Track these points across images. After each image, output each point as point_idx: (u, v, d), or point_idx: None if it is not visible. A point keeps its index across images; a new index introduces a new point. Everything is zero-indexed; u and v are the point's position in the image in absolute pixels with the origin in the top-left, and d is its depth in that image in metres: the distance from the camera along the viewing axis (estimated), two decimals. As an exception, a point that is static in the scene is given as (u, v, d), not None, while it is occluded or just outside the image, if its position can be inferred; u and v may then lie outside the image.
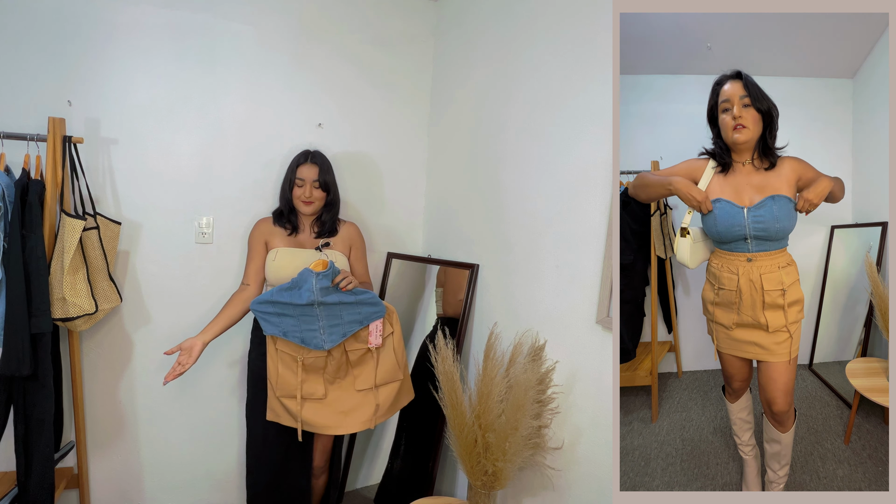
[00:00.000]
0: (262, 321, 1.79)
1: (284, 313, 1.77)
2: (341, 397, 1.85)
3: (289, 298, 1.75)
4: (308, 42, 2.27)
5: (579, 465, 1.55)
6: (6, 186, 1.68)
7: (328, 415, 1.82)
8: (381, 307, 1.86)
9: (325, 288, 1.74)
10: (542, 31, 1.75)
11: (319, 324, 1.78)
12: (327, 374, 1.84)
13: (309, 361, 1.81)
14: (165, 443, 2.21)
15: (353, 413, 1.83)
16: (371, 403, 1.84)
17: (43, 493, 1.75)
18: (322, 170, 1.95)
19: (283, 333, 1.78)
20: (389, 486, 2.29)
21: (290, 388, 1.80)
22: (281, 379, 1.81)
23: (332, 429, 1.82)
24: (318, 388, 1.83)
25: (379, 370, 1.86)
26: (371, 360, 1.87)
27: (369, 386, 1.85)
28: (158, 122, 2.07)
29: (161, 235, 2.11)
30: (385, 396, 1.87)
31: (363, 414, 1.84)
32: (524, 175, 1.82)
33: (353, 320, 1.82)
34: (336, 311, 1.79)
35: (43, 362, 1.73)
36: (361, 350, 1.85)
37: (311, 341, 1.79)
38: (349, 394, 1.85)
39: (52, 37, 1.92)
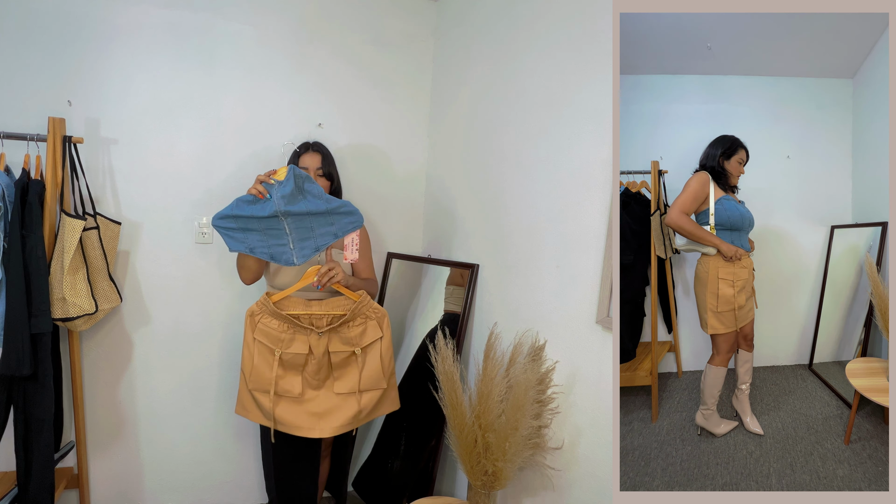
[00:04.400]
0: (226, 238, 1.67)
1: (249, 227, 1.65)
2: (318, 398, 1.76)
3: (251, 211, 1.63)
4: (308, 42, 2.27)
5: (579, 465, 1.55)
6: (6, 186, 1.68)
7: (302, 415, 1.73)
8: (357, 216, 1.73)
9: (287, 195, 1.61)
10: (542, 31, 1.75)
11: (289, 237, 1.67)
12: (307, 372, 1.76)
13: (287, 357, 1.73)
14: (165, 443, 2.21)
15: (329, 416, 1.74)
16: (350, 407, 1.76)
17: (43, 493, 1.75)
18: (324, 158, 1.93)
19: (249, 250, 1.67)
20: (369, 474, 2.31)
21: (263, 383, 1.72)
22: (255, 371, 1.72)
23: (304, 431, 1.73)
24: (294, 386, 1.74)
25: (363, 375, 1.78)
26: (355, 364, 1.78)
27: (350, 390, 1.77)
28: (158, 122, 2.07)
29: (161, 235, 2.11)
30: (366, 402, 1.79)
31: (339, 418, 1.75)
32: (524, 175, 1.82)
33: (327, 232, 1.71)
34: (306, 223, 1.67)
35: (43, 362, 1.73)
36: (346, 352, 1.78)
37: (281, 257, 1.68)
38: (326, 396, 1.77)
39: (53, 37, 1.93)
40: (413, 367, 2.25)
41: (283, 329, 1.74)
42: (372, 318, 1.82)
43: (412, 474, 2.13)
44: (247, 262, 1.80)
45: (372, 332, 1.81)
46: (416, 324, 2.37)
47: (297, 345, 1.74)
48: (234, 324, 2.25)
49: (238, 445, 2.31)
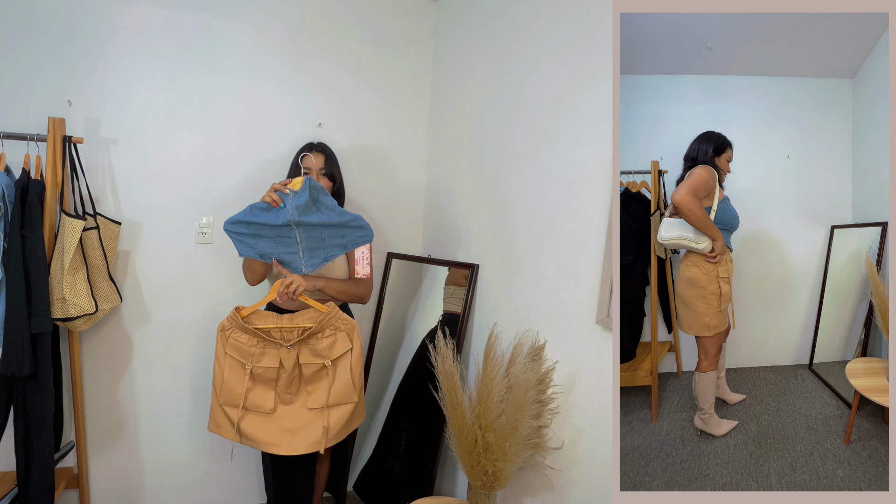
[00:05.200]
0: (237, 242, 1.67)
1: (261, 234, 1.66)
2: (290, 413, 1.73)
3: (264, 219, 1.64)
4: (308, 42, 2.27)
5: (579, 465, 1.55)
6: (6, 186, 1.68)
7: (272, 431, 1.71)
8: (368, 231, 1.75)
9: (302, 206, 1.63)
10: (542, 31, 1.75)
11: (299, 246, 1.68)
12: (279, 387, 1.73)
13: (258, 371, 1.70)
14: (165, 443, 2.21)
15: (300, 433, 1.72)
16: (319, 426, 1.73)
17: (43, 493, 1.75)
18: (328, 159, 1.93)
19: (259, 255, 1.69)
20: (370, 475, 2.31)
21: (233, 397, 1.70)
22: (225, 385, 1.70)
23: (274, 447, 1.70)
24: (266, 401, 1.72)
25: (333, 389, 1.74)
26: (326, 376, 1.75)
27: (321, 405, 1.74)
28: (158, 122, 2.07)
29: (161, 235, 2.11)
30: (336, 419, 1.74)
31: (310, 435, 1.72)
32: (524, 175, 1.82)
33: (337, 244, 1.72)
34: (317, 234, 1.69)
35: (43, 362, 1.73)
36: (317, 365, 1.74)
37: (290, 264, 1.70)
38: (299, 411, 1.74)
39: (53, 37, 1.93)
40: (413, 367, 2.25)
41: (254, 343, 1.72)
42: (341, 330, 1.77)
43: (412, 474, 2.13)
44: (254, 266, 1.82)
45: (342, 343, 1.76)
46: (416, 324, 2.37)
47: (268, 359, 1.72)
48: (234, 324, 2.24)
49: (238, 445, 2.31)
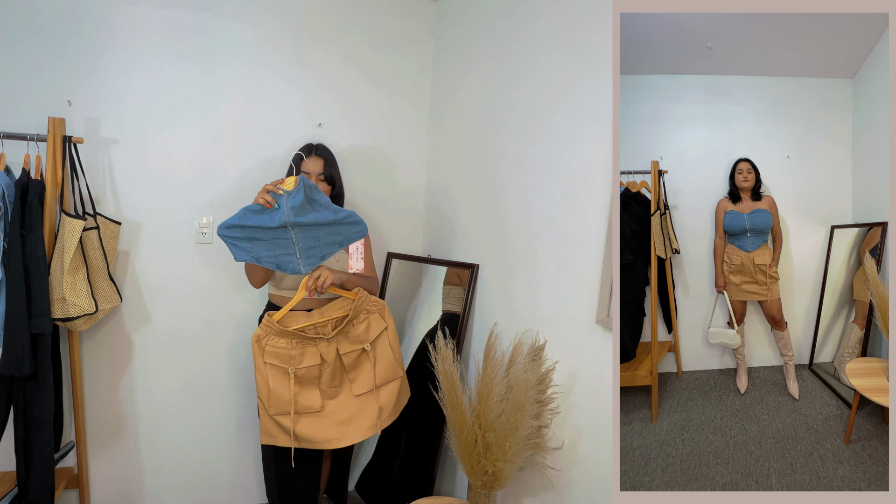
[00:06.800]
0: (232, 247, 1.66)
1: (256, 237, 1.64)
2: (339, 406, 1.75)
3: (259, 222, 1.63)
4: (308, 41, 2.27)
5: (579, 465, 1.55)
6: (6, 186, 1.68)
7: (327, 427, 1.72)
8: (362, 226, 1.75)
9: (297, 206, 1.62)
10: (542, 31, 1.75)
11: (295, 247, 1.67)
12: (323, 383, 1.75)
13: (301, 372, 1.70)
14: (165, 443, 2.21)
15: (354, 421, 1.74)
16: (373, 408, 1.75)
17: (43, 493, 1.75)
18: (327, 163, 1.92)
19: (255, 259, 1.67)
20: (371, 476, 2.32)
21: (283, 404, 1.69)
22: (273, 395, 1.68)
23: (333, 442, 1.72)
24: (314, 401, 1.72)
25: (378, 369, 1.78)
26: (367, 360, 1.78)
27: (368, 388, 1.76)
28: (158, 122, 2.07)
29: (161, 235, 2.11)
30: (387, 397, 1.79)
31: (365, 420, 1.74)
32: (524, 175, 1.82)
33: (332, 241, 1.72)
34: (313, 233, 1.68)
35: (43, 362, 1.73)
36: (356, 351, 1.77)
37: (287, 266, 1.69)
38: (347, 401, 1.76)
39: (53, 37, 1.93)
40: (413, 366, 2.25)
41: (292, 345, 1.72)
42: (373, 312, 1.83)
43: (412, 474, 2.13)
44: (255, 269, 1.83)
45: (376, 325, 1.81)
46: (416, 324, 2.37)
47: (308, 358, 1.73)
48: (234, 324, 2.24)
49: (238, 445, 2.31)
